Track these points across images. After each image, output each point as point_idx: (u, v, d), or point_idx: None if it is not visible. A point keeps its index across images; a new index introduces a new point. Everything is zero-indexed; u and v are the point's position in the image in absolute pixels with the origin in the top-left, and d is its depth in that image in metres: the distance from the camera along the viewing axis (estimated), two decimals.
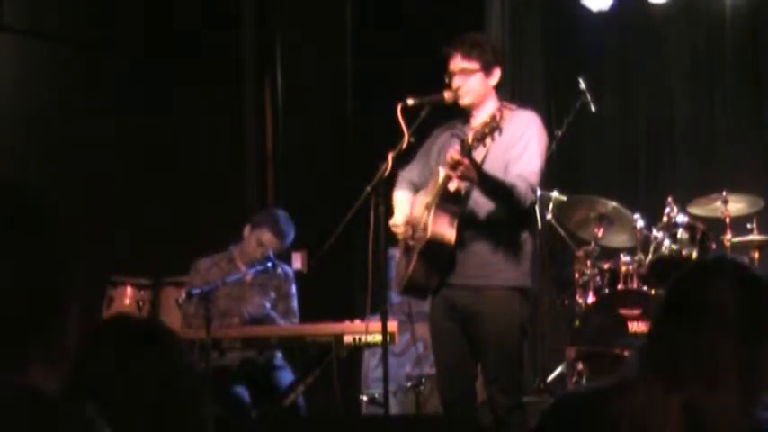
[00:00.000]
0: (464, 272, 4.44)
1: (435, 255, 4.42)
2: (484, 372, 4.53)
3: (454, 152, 4.19)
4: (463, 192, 4.39)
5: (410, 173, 4.73)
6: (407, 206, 4.61)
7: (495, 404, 4.43)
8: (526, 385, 5.64)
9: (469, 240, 4.41)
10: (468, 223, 4.41)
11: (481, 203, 4.41)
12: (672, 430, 2.03)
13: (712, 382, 2.02)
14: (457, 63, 4.53)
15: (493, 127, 4.18)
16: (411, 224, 4.54)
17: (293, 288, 5.67)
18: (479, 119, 4.50)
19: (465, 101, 4.54)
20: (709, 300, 2.08)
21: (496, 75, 4.57)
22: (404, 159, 4.60)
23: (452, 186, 4.34)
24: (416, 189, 4.69)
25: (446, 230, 4.37)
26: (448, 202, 4.38)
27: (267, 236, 5.60)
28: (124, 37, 7.08)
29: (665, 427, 2.03)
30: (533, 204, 4.55)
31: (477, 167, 4.20)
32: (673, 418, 2.03)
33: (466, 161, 4.16)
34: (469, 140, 4.20)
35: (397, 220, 4.57)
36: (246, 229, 5.64)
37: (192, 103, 7.15)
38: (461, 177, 4.23)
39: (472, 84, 4.52)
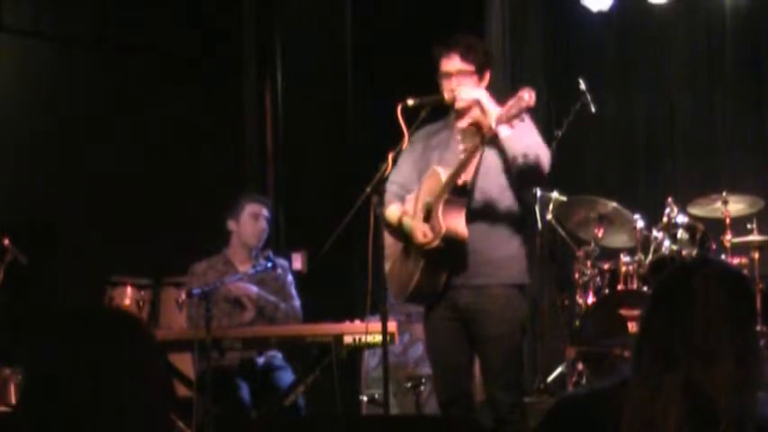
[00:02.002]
0: (465, 271, 4.43)
1: (447, 252, 4.38)
2: (485, 371, 4.51)
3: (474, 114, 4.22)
4: (468, 185, 4.38)
5: (398, 179, 4.63)
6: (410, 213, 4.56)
7: (497, 403, 4.43)
8: (526, 385, 5.64)
9: (470, 239, 4.40)
10: (468, 222, 4.40)
11: (481, 203, 4.41)
12: (677, 410, 2.05)
13: (709, 360, 2.08)
14: (454, 64, 4.50)
15: (522, 107, 4.15)
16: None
17: (290, 276, 5.69)
18: (468, 118, 4.50)
19: (460, 103, 4.52)
20: (696, 286, 2.16)
21: (488, 77, 4.57)
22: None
23: (460, 180, 4.33)
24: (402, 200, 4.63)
25: (459, 224, 4.35)
26: (457, 195, 4.36)
27: (254, 207, 5.64)
28: (124, 37, 7.09)
29: (670, 407, 2.06)
30: (533, 203, 4.55)
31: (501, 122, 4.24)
32: (676, 397, 2.05)
33: (489, 122, 4.23)
34: (494, 125, 4.20)
35: (421, 228, 4.49)
36: (231, 223, 5.64)
37: (192, 103, 7.15)
38: (483, 138, 4.26)
39: (467, 86, 4.50)
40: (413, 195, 4.55)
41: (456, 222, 4.34)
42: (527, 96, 4.16)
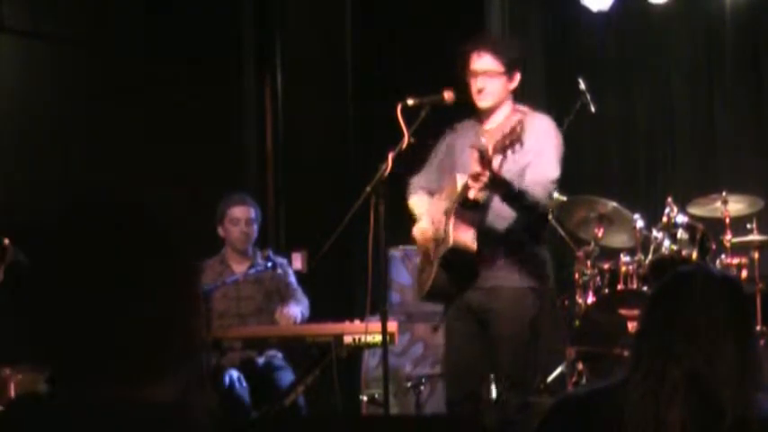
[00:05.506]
0: (477, 277, 4.47)
1: (457, 262, 4.43)
2: (495, 370, 4.55)
3: (475, 164, 4.17)
4: (482, 200, 4.39)
5: (422, 179, 4.73)
6: (427, 209, 4.62)
7: (504, 403, 4.45)
8: None
9: (485, 248, 4.43)
10: (484, 231, 4.43)
11: (496, 212, 4.43)
12: (680, 404, 2.06)
13: (711, 356, 2.09)
14: (484, 63, 4.49)
15: (513, 140, 4.12)
16: (434, 227, 4.56)
17: (292, 277, 5.73)
18: (494, 121, 4.51)
19: (484, 103, 4.52)
20: (697, 288, 2.18)
21: (517, 79, 4.56)
22: (404, 159, 4.59)
23: (472, 194, 4.33)
24: (431, 194, 4.69)
25: (467, 238, 4.38)
26: (468, 209, 4.38)
27: (235, 211, 5.67)
28: (124, 37, 7.08)
29: (674, 402, 2.06)
30: (547, 212, 4.57)
31: (498, 178, 4.20)
32: (680, 391, 2.06)
33: (487, 173, 4.16)
34: (490, 152, 4.15)
35: (424, 225, 4.57)
36: (219, 229, 5.72)
37: (192, 104, 7.15)
38: (483, 188, 4.23)
39: (495, 86, 4.50)
40: (438, 195, 4.60)
41: (465, 236, 4.37)
42: (519, 129, 4.12)
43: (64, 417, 1.38)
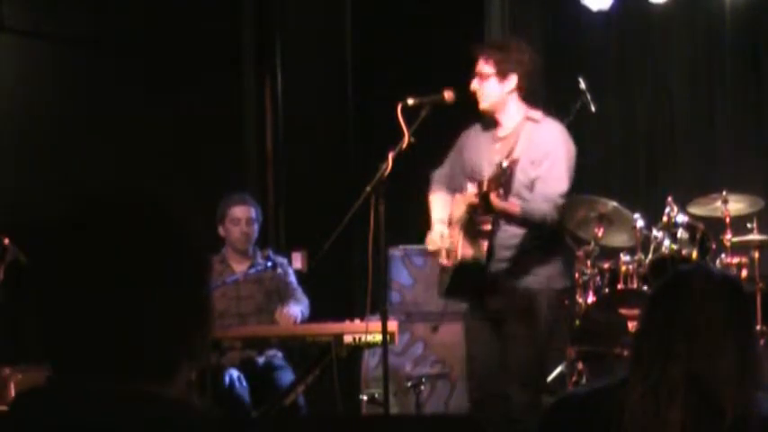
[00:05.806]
0: (493, 278, 4.51)
1: (467, 274, 4.51)
2: (505, 368, 4.60)
3: (473, 196, 4.34)
4: (488, 222, 4.48)
5: (442, 173, 4.81)
6: (444, 211, 4.69)
7: (510, 402, 4.49)
8: None
9: (498, 254, 4.48)
10: (495, 240, 4.48)
11: (506, 221, 4.50)
12: (680, 404, 2.06)
13: (711, 355, 2.09)
14: (479, 65, 4.60)
15: (503, 183, 4.28)
16: (450, 225, 4.63)
17: (292, 277, 5.73)
18: (506, 128, 4.57)
19: (482, 105, 4.61)
20: (697, 287, 2.18)
21: (512, 81, 4.59)
22: (404, 159, 4.60)
23: (479, 209, 4.43)
24: (450, 189, 4.77)
25: (474, 252, 4.47)
26: (476, 225, 4.45)
27: (236, 210, 5.68)
28: (124, 36, 7.08)
29: (674, 402, 2.06)
30: (557, 222, 4.63)
31: (498, 211, 4.34)
32: (679, 391, 2.06)
33: (483, 205, 4.31)
34: (484, 188, 4.28)
35: (434, 236, 4.64)
36: (220, 228, 5.72)
37: (192, 102, 7.15)
38: (484, 215, 4.36)
39: (488, 88, 4.56)
40: (458, 195, 4.64)
41: (472, 250, 4.45)
42: (505, 165, 4.24)
43: (64, 416, 1.39)
